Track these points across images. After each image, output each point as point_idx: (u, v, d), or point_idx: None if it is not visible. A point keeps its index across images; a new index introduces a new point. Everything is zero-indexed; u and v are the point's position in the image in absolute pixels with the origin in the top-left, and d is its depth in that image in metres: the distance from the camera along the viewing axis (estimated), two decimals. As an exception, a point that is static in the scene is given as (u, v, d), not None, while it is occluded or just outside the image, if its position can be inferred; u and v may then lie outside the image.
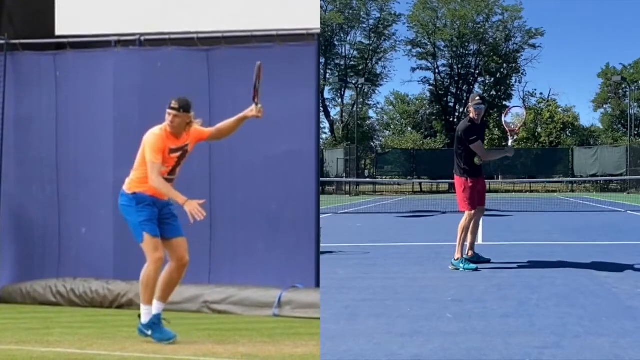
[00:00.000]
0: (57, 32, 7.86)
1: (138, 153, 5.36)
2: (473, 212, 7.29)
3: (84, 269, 7.32)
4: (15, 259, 7.72)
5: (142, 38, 7.60)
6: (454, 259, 7.21)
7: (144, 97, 7.41)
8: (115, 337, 5.45)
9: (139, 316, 5.35)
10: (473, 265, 7.09)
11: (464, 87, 61.54)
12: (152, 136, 5.30)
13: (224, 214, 7.28)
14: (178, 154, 5.38)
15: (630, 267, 7.31)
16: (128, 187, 5.30)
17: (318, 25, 7.16)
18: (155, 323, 5.20)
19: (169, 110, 5.34)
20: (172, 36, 7.50)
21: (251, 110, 5.58)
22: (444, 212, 18.82)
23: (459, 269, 7.06)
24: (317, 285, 6.75)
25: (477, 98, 7.56)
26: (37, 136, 7.73)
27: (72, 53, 7.71)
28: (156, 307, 5.30)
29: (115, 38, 7.60)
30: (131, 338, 5.44)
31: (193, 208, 5.09)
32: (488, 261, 7.53)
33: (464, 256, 7.25)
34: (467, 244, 7.43)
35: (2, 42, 7.73)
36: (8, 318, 6.61)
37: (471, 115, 7.44)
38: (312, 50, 7.13)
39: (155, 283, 5.21)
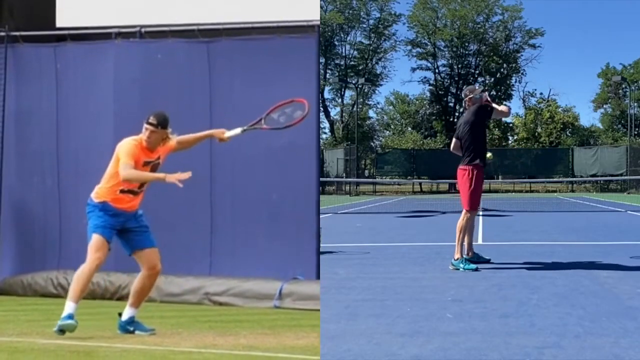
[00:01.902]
0: (58, 24, 7.89)
1: (110, 164, 5.36)
2: (475, 211, 7.25)
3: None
4: (16, 251, 7.75)
5: (143, 30, 7.61)
6: (454, 259, 7.19)
7: (144, 89, 7.43)
8: (116, 328, 5.45)
9: (119, 314, 5.43)
10: (473, 265, 7.08)
11: (464, 87, 61.43)
12: (127, 144, 5.32)
13: (224, 205, 7.30)
14: (150, 166, 5.38)
15: (630, 267, 7.30)
16: (96, 195, 5.34)
17: (318, 17, 7.18)
18: (71, 318, 5.15)
19: (146, 125, 5.33)
20: (173, 28, 7.52)
21: (222, 132, 5.56)
22: (444, 212, 18.82)
23: (459, 269, 7.05)
24: (318, 277, 6.75)
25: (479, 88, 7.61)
26: (37, 128, 7.74)
27: (72, 45, 7.72)
28: (128, 312, 5.39)
29: (116, 30, 7.62)
30: (132, 329, 5.48)
31: (175, 177, 5.17)
32: (488, 261, 7.52)
33: (464, 256, 7.23)
34: (465, 244, 7.41)
35: (2, 34, 7.73)
36: (9, 310, 6.63)
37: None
38: (312, 42, 7.13)
39: (86, 282, 5.20)
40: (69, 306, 5.16)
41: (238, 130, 5.55)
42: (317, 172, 7.22)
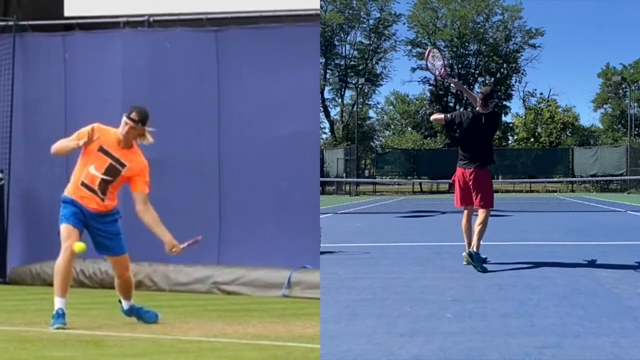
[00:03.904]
0: (66, 13, 7.91)
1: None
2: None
3: (93, 250, 7.43)
4: (24, 240, 7.78)
5: (151, 19, 7.64)
6: (474, 251, 7.01)
7: (153, 77, 7.46)
8: (125, 318, 5.49)
9: (120, 301, 5.50)
10: (485, 267, 7.03)
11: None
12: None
13: (233, 194, 7.33)
14: (109, 162, 5.25)
15: (630, 267, 7.29)
16: (66, 191, 5.37)
17: (318, 6, 7.23)
18: (60, 314, 5.13)
19: (126, 119, 5.25)
20: (181, 17, 7.56)
21: (176, 246, 5.32)
22: (443, 212, 18.81)
23: (471, 264, 6.96)
24: (327, 265, 6.78)
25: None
26: (45, 118, 7.76)
27: (80, 34, 7.74)
28: (125, 304, 5.45)
29: (124, 19, 7.64)
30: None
31: (80, 143, 5.23)
32: (485, 260, 7.47)
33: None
34: (467, 240, 7.38)
35: (10, 23, 7.75)
36: (18, 299, 6.68)
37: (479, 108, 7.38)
38: (317, 30, 7.18)
39: (65, 273, 5.17)
40: (56, 301, 5.17)
41: (185, 244, 5.35)
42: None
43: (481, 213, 7.28)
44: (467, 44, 60.37)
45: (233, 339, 4.89)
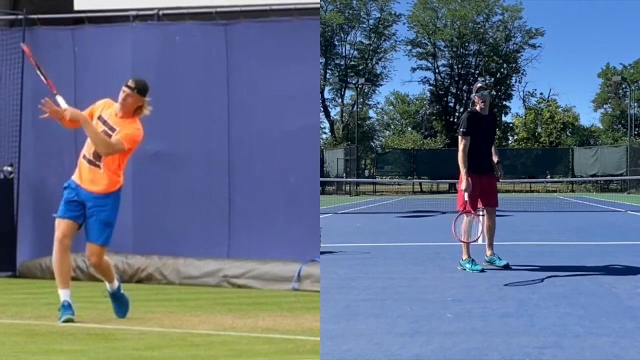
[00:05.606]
0: (76, 7, 7.93)
1: None
2: (467, 213, 7.13)
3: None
4: (34, 233, 7.81)
5: (161, 12, 7.67)
6: (462, 259, 7.08)
7: (162, 71, 7.48)
8: (135, 311, 5.50)
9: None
10: (479, 267, 7.01)
11: (464, 87, 61.46)
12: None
13: (242, 188, 7.35)
14: (102, 128, 5.22)
15: (630, 267, 7.30)
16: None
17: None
18: (66, 306, 5.15)
19: (123, 88, 5.27)
20: (191, 10, 7.58)
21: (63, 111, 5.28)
22: (444, 212, 18.80)
23: (465, 269, 6.99)
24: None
25: (479, 85, 7.29)
26: None
27: (90, 28, 7.77)
28: (108, 287, 5.42)
29: (134, 13, 7.67)
30: (150, 312, 5.58)
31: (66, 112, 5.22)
32: (507, 266, 7.23)
33: (471, 256, 7.11)
34: (486, 243, 7.37)
35: (20, 17, 7.78)
36: (28, 293, 6.70)
37: (477, 107, 7.22)
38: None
39: (59, 264, 5.14)
40: (60, 294, 5.17)
41: (64, 105, 5.29)
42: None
43: None
44: (467, 44, 60.31)
45: (243, 333, 4.91)
